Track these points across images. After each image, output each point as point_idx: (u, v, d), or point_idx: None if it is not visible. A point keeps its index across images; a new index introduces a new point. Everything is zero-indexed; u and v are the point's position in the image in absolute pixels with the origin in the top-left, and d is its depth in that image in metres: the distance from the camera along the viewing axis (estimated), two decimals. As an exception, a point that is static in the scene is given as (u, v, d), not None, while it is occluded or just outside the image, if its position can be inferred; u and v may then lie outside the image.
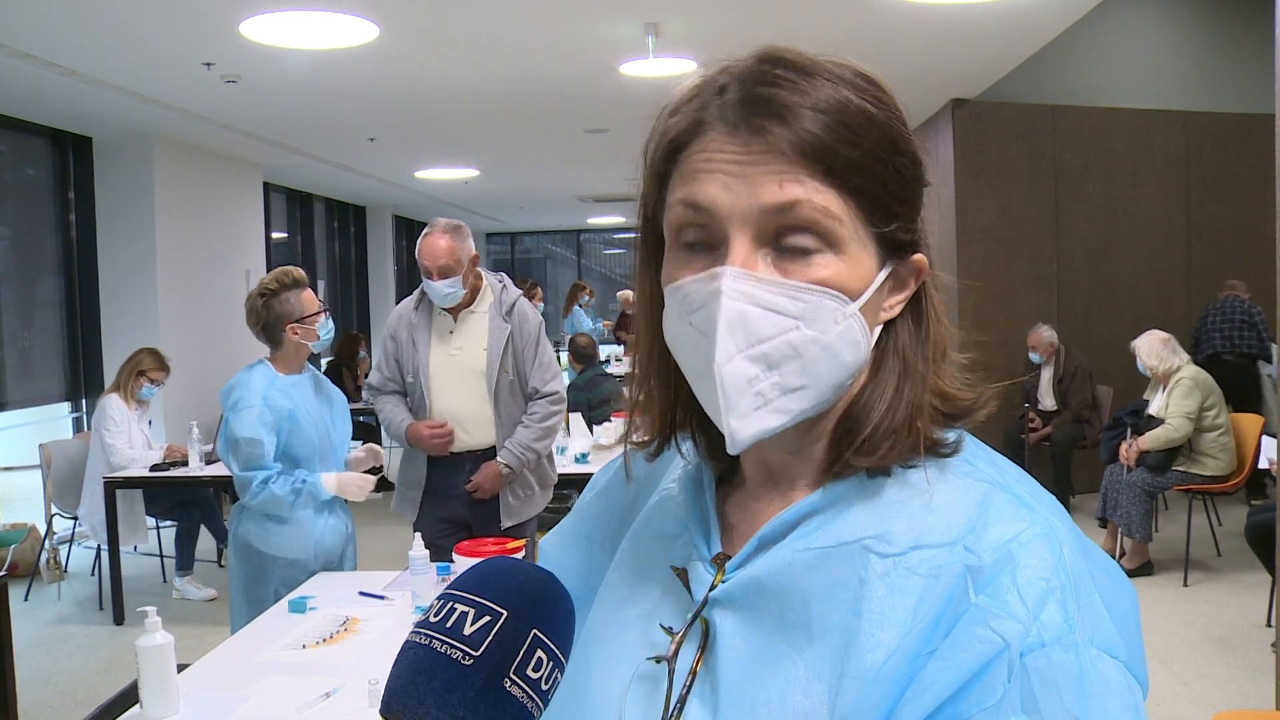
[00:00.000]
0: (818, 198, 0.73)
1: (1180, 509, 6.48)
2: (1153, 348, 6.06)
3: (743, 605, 0.79)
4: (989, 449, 0.82)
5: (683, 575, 0.84)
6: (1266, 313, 7.36)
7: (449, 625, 0.73)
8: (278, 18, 5.09)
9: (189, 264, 8.42)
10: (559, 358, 4.43)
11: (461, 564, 2.99)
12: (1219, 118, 8.33)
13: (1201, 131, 8.35)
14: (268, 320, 3.43)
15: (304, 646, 2.71)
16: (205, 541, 6.50)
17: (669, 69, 6.28)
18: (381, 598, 3.12)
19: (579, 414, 6.05)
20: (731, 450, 0.76)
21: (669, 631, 0.82)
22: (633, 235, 0.86)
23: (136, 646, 2.25)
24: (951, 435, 0.80)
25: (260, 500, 3.36)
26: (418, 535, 3.15)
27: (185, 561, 6.19)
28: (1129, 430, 6.14)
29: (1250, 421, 6.14)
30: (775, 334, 0.74)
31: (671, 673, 0.80)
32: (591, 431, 5.92)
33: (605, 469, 1.02)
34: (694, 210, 0.75)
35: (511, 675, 0.71)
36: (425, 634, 0.73)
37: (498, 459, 3.85)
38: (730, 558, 0.82)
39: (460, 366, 3.86)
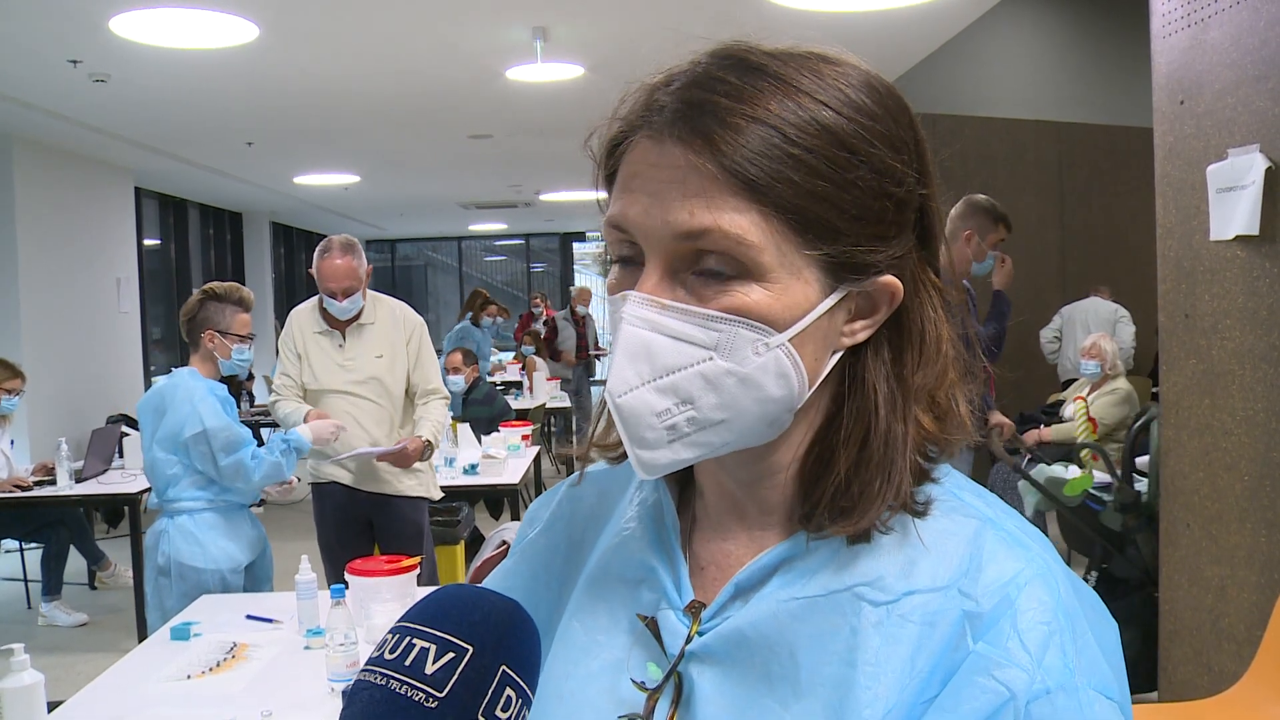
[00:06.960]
0: (731, 224, 0.65)
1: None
2: (1115, 353, 6.22)
3: (722, 658, 0.73)
4: (968, 479, 0.77)
5: (652, 625, 0.77)
6: (1145, 315, 7.64)
7: (408, 663, 0.66)
8: (150, 14, 4.86)
9: (54, 272, 8.04)
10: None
11: (355, 583, 2.88)
12: (1089, 129, 8.62)
13: (1073, 142, 8.62)
14: (195, 317, 3.52)
15: (189, 676, 2.56)
16: (73, 563, 6.19)
17: (556, 74, 6.23)
18: (270, 620, 2.99)
19: (467, 425, 5.96)
20: (642, 476, 0.72)
21: (641, 687, 0.76)
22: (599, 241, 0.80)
23: (0, 689, 2.09)
24: (934, 477, 0.74)
25: (264, 473, 3.45)
26: (304, 558, 3.03)
27: (53, 585, 5.86)
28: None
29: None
30: (686, 365, 0.68)
31: None
32: (480, 443, 5.82)
33: (544, 501, 0.94)
34: (618, 229, 0.71)
35: (480, 717, 0.65)
36: (380, 673, 0.66)
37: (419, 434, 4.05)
38: (705, 606, 0.75)
39: (352, 378, 4.02)
